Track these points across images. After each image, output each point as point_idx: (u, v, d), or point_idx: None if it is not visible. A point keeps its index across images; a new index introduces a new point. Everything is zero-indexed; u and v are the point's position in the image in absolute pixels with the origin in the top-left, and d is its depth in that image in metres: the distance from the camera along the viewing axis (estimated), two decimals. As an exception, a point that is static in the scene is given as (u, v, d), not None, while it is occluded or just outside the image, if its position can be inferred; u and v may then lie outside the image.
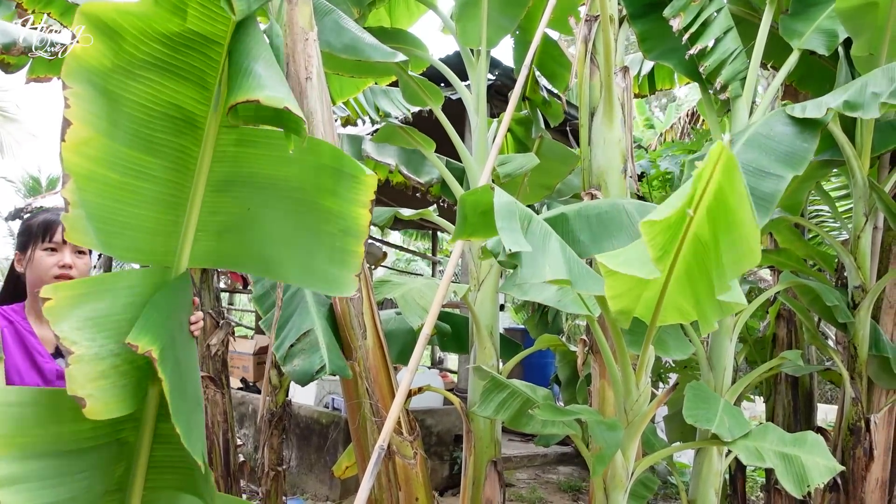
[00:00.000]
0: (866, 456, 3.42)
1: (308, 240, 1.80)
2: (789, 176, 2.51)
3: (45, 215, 2.18)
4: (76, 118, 1.45)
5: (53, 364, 2.15)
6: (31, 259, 2.14)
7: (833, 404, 8.46)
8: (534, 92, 4.19)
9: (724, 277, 1.71)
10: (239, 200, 1.71)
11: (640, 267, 1.60)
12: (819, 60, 3.74)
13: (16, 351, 2.13)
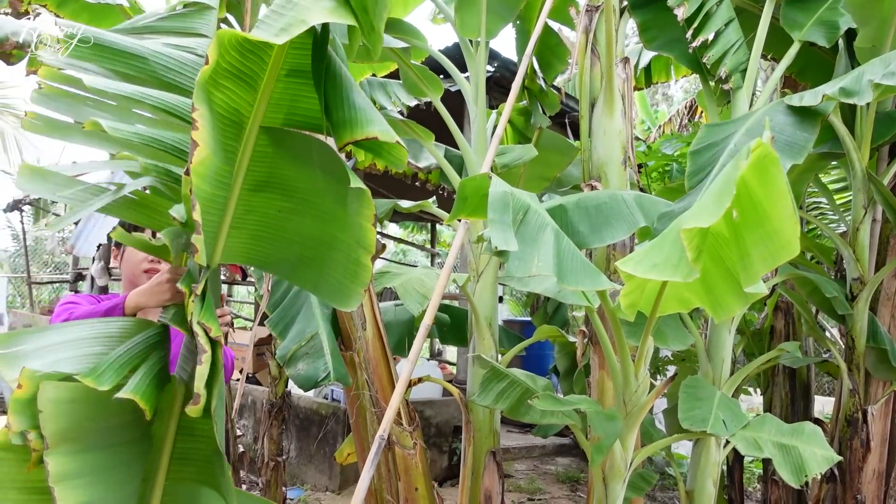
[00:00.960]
0: (863, 447, 3.43)
1: (327, 248, 1.84)
2: (788, 165, 2.51)
3: None
4: (202, 139, 1.47)
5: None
6: (121, 257, 2.20)
7: (830, 396, 8.50)
8: (531, 81, 4.18)
9: (751, 270, 1.70)
10: (271, 201, 1.73)
11: (676, 271, 1.57)
12: (819, 52, 3.74)
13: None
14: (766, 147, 1.44)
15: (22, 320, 11.89)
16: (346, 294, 1.84)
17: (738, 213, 1.61)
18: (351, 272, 1.83)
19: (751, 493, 6.18)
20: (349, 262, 1.81)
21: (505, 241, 1.75)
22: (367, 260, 1.83)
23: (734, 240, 1.68)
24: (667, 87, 18.41)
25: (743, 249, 1.68)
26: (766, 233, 1.62)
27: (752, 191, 1.56)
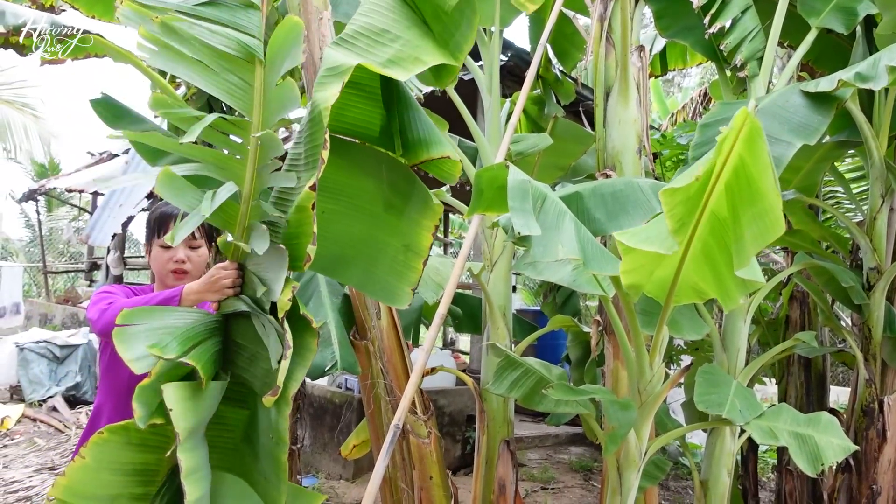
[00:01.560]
0: (879, 437, 3.42)
1: (372, 249, 1.95)
2: (798, 144, 2.49)
3: (162, 209, 2.27)
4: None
5: None
6: (150, 253, 2.26)
7: (845, 387, 8.46)
8: (546, 70, 4.16)
9: (743, 252, 1.69)
10: (318, 202, 1.80)
11: (660, 243, 1.59)
12: (836, 40, 3.70)
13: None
14: (752, 118, 1.42)
15: (38, 309, 12.00)
16: (393, 292, 1.99)
17: (738, 193, 1.59)
18: (397, 273, 1.95)
19: (765, 483, 6.17)
20: (395, 264, 1.95)
21: (527, 226, 1.75)
22: (416, 262, 1.97)
23: (733, 220, 1.67)
24: (681, 75, 18.25)
25: (739, 231, 1.67)
26: (758, 211, 1.61)
27: (747, 167, 1.54)
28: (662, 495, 5.99)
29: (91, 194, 11.91)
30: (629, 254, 1.71)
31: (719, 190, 1.62)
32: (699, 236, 1.76)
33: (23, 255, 21.00)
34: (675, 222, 1.64)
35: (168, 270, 2.23)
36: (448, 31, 2.15)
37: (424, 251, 1.99)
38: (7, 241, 21.21)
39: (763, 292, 3.32)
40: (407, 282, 2.00)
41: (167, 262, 2.24)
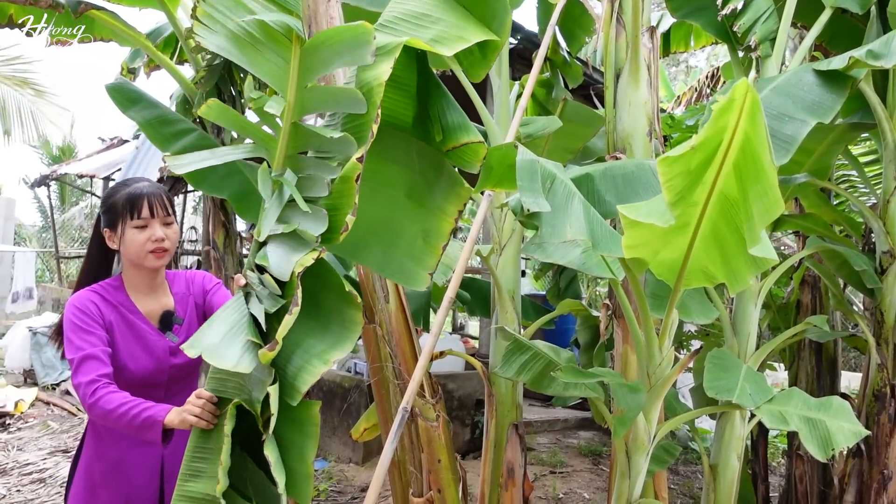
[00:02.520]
0: (891, 422, 3.39)
1: (391, 234, 2.00)
2: (812, 122, 2.46)
3: (127, 190, 2.16)
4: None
5: (163, 340, 2.20)
6: (122, 237, 2.14)
7: (856, 372, 8.42)
8: (554, 52, 4.12)
9: (754, 230, 1.67)
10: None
11: (659, 216, 1.57)
12: (850, 20, 3.65)
13: (126, 336, 2.15)
14: (752, 90, 1.38)
15: (51, 294, 12.08)
16: (411, 275, 2.03)
17: (746, 171, 1.56)
18: (414, 257, 1.99)
19: (775, 468, 6.16)
20: (414, 248, 1.98)
21: (537, 203, 1.74)
22: (434, 248, 2.02)
23: (742, 199, 1.63)
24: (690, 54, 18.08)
25: (748, 209, 1.64)
26: (762, 188, 1.58)
27: (753, 144, 1.50)
28: (672, 480, 6.00)
29: (102, 179, 11.95)
30: (632, 228, 1.69)
31: (727, 170, 1.58)
32: (709, 217, 1.74)
33: (35, 240, 21.13)
34: (674, 195, 1.60)
35: (147, 251, 2.13)
36: (486, 12, 2.27)
37: (444, 236, 2.05)
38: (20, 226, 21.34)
39: (774, 276, 3.30)
40: (424, 265, 2.05)
41: (145, 243, 2.13)
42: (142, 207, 2.13)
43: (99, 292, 2.19)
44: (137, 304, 2.21)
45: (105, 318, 2.13)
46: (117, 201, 2.15)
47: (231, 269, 4.54)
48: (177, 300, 2.29)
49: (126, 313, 2.18)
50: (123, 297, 2.21)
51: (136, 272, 2.22)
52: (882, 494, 3.39)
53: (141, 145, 10.02)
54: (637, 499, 2.64)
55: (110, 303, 2.18)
